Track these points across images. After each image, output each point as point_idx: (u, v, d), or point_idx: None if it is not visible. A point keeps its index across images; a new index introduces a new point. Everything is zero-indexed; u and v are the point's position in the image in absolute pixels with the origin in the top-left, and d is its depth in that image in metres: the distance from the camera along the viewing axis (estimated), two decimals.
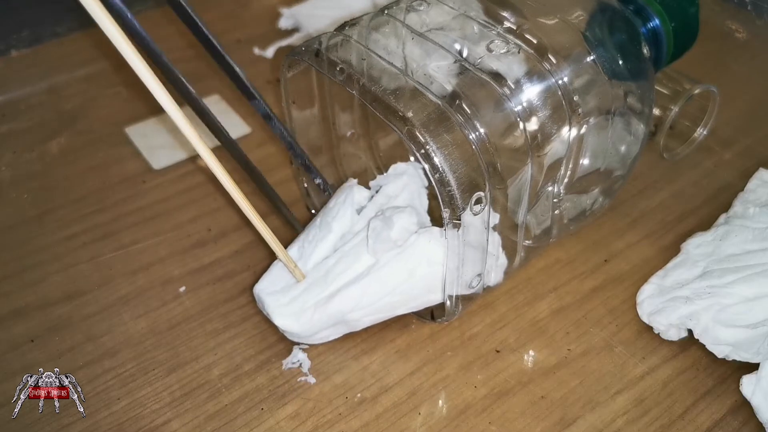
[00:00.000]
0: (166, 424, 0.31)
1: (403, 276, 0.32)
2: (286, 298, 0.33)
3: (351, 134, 0.40)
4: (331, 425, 0.31)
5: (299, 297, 0.33)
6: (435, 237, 0.32)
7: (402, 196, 0.36)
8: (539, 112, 0.32)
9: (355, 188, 0.36)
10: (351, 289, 0.32)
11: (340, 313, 0.33)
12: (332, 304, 0.32)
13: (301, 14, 0.56)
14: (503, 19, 0.34)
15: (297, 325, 0.33)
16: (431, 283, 0.33)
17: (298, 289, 0.33)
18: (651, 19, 0.37)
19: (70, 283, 0.38)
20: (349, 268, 0.33)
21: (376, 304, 0.33)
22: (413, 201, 0.36)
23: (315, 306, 0.33)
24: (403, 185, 0.36)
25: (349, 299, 0.32)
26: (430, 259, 0.32)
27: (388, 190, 0.36)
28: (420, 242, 0.32)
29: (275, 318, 0.33)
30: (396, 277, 0.32)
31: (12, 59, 0.54)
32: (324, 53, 0.33)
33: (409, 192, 0.36)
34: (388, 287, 0.33)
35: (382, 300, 0.33)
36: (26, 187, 0.44)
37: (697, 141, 0.45)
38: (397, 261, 0.32)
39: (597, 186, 0.38)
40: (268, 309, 0.33)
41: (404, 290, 0.33)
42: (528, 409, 0.32)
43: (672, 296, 0.35)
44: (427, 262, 0.32)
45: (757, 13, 0.53)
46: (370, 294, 0.33)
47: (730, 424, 0.31)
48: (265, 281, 0.34)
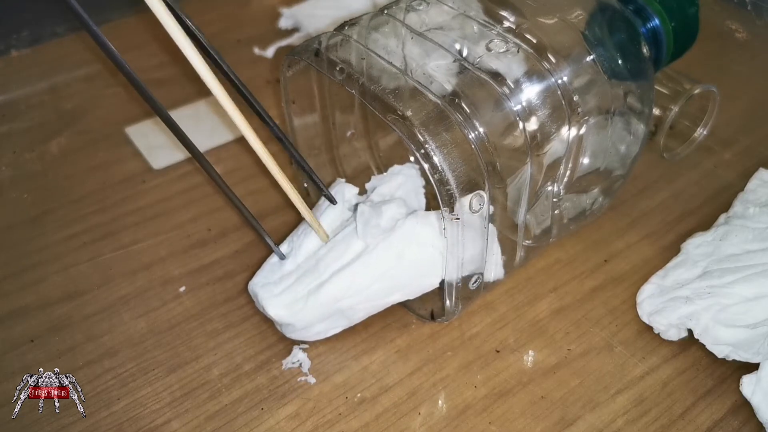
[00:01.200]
0: (166, 424, 0.31)
1: (393, 259, 0.32)
2: (278, 289, 0.33)
3: (351, 134, 0.40)
4: (331, 425, 0.31)
5: (292, 287, 0.33)
6: (423, 219, 0.32)
7: (397, 196, 0.36)
8: (539, 111, 0.32)
9: (345, 186, 0.36)
10: (341, 276, 0.32)
11: (332, 299, 0.33)
12: (323, 291, 0.32)
13: (301, 14, 0.56)
14: (503, 18, 0.34)
15: (290, 314, 0.33)
16: (423, 266, 0.33)
17: (291, 279, 0.33)
18: (651, 18, 0.37)
19: (70, 283, 0.38)
20: (341, 256, 0.33)
21: (367, 291, 0.33)
22: (409, 200, 0.36)
23: (307, 295, 0.33)
24: (398, 185, 0.36)
25: (340, 286, 0.32)
26: (420, 241, 0.32)
27: (382, 190, 0.36)
28: (408, 224, 0.32)
29: (268, 308, 0.33)
30: (385, 261, 0.33)
31: (12, 59, 0.54)
32: (324, 53, 0.33)
33: (404, 191, 0.36)
34: (378, 271, 0.33)
35: (373, 286, 0.33)
36: (26, 187, 0.44)
37: (697, 141, 0.45)
38: (385, 244, 0.32)
39: (597, 186, 0.38)
40: (262, 300, 0.33)
41: (395, 275, 0.33)
42: (528, 409, 0.32)
43: (672, 296, 0.35)
44: (417, 244, 0.32)
45: (757, 13, 0.53)
46: (360, 279, 0.33)
47: (730, 424, 0.31)
48: (258, 276, 0.35)
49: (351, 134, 0.40)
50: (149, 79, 0.49)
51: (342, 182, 0.37)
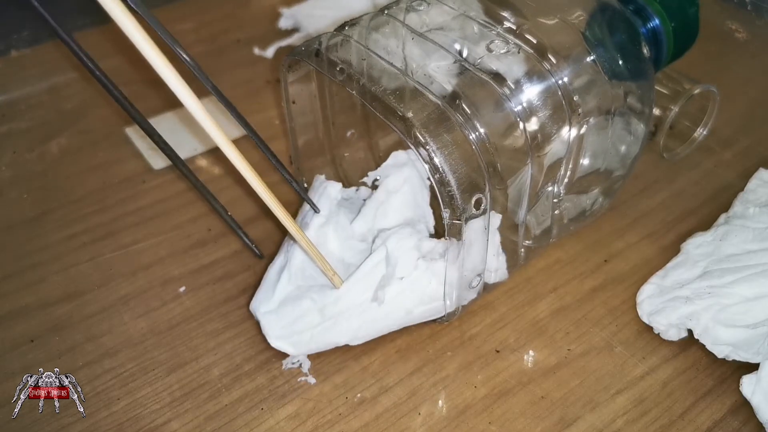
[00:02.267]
0: (166, 425, 0.31)
1: (402, 314, 0.33)
2: (282, 321, 0.33)
3: (351, 134, 0.40)
4: (331, 425, 0.31)
5: (296, 322, 0.33)
6: (436, 274, 0.32)
7: (403, 191, 0.35)
8: (539, 112, 0.32)
9: (328, 184, 0.36)
10: (350, 323, 0.33)
11: (336, 342, 0.33)
12: (330, 335, 0.33)
13: (301, 14, 0.56)
14: (503, 19, 0.34)
15: (293, 348, 0.33)
16: (429, 315, 0.34)
17: (294, 313, 0.33)
18: (651, 19, 0.37)
19: (70, 283, 0.38)
20: (349, 306, 0.33)
21: (373, 335, 0.34)
22: (415, 196, 0.36)
23: (311, 335, 0.33)
24: (404, 179, 0.36)
25: (348, 331, 0.33)
26: (431, 296, 0.33)
27: (388, 185, 0.36)
28: (421, 282, 0.32)
29: (271, 341, 0.33)
30: (395, 315, 0.33)
31: (12, 59, 0.54)
32: (324, 53, 0.33)
33: (410, 185, 0.36)
34: (386, 323, 0.33)
35: (380, 332, 0.34)
36: (26, 187, 0.44)
37: (697, 141, 0.45)
38: (396, 299, 0.33)
39: (597, 186, 0.38)
40: (264, 330, 0.34)
41: (402, 324, 0.34)
42: (528, 409, 0.32)
43: (672, 296, 0.35)
44: (429, 299, 0.33)
45: (757, 13, 0.53)
46: (368, 327, 0.33)
47: (730, 424, 0.31)
48: (259, 295, 0.35)
49: (351, 134, 0.40)
50: (149, 80, 0.49)
51: (321, 179, 0.36)
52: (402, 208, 0.35)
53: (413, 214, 0.36)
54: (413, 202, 0.36)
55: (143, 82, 0.47)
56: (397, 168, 0.36)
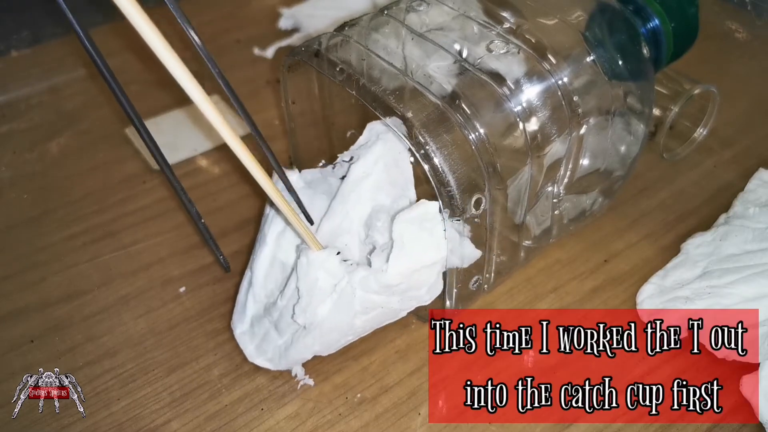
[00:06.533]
0: (166, 425, 0.31)
1: (345, 327, 0.32)
2: (255, 341, 0.33)
3: (351, 134, 0.40)
4: (331, 425, 0.31)
5: (264, 341, 0.33)
6: (357, 297, 0.31)
7: (375, 173, 0.32)
8: (539, 112, 0.32)
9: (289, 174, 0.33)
10: (305, 339, 0.32)
11: (303, 357, 0.32)
12: (292, 352, 0.32)
13: (301, 14, 0.56)
14: (503, 19, 0.34)
15: (271, 364, 0.33)
16: (378, 323, 0.33)
17: (261, 331, 0.33)
18: (651, 19, 0.37)
19: (70, 283, 0.38)
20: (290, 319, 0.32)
21: (338, 343, 0.33)
22: (390, 174, 0.33)
23: (279, 353, 0.32)
24: (375, 160, 0.32)
25: (305, 348, 0.32)
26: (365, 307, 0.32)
27: (357, 171, 0.33)
28: (346, 296, 0.31)
29: (250, 359, 0.33)
30: (341, 328, 0.32)
31: (12, 59, 0.54)
32: (324, 53, 0.33)
33: (383, 164, 0.32)
34: (342, 331, 0.32)
35: (342, 340, 0.33)
36: (26, 187, 0.44)
37: (697, 141, 0.45)
38: (331, 317, 0.31)
39: (597, 186, 0.38)
40: (243, 350, 0.33)
41: (360, 331, 0.33)
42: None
43: (672, 296, 0.35)
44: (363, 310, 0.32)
45: (757, 13, 0.53)
46: (322, 340, 0.32)
47: (730, 424, 0.31)
48: (234, 315, 0.34)
49: (351, 134, 0.40)
50: (153, 79, 0.49)
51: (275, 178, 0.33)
52: (375, 194, 0.33)
53: (387, 195, 0.33)
54: (388, 181, 0.33)
55: (143, 82, 0.47)
56: (367, 148, 0.33)
